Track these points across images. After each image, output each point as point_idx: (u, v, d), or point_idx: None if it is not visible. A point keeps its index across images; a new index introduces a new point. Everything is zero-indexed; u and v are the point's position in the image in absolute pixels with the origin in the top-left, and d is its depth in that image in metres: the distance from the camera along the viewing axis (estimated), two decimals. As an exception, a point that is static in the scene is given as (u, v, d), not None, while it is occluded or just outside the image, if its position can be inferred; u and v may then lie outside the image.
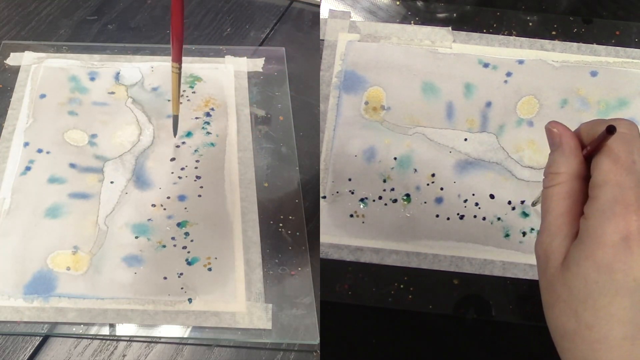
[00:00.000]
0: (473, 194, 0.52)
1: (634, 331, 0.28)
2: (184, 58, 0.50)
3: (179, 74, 0.50)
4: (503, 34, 0.58)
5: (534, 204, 0.50)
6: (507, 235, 0.50)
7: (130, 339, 0.46)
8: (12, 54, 0.61)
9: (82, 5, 0.67)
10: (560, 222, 0.31)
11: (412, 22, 0.59)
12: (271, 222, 0.51)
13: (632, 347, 0.28)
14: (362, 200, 0.51)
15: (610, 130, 0.29)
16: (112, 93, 0.59)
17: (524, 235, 0.50)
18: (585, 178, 0.32)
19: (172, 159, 0.55)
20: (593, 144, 0.31)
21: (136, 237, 0.50)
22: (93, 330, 0.45)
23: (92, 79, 0.60)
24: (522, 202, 0.51)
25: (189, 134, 0.56)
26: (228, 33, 0.66)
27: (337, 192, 0.52)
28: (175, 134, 0.55)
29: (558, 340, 0.31)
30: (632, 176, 0.29)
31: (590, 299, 0.29)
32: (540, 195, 0.42)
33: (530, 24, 0.59)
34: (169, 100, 0.59)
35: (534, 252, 0.33)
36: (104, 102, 0.58)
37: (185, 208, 0.52)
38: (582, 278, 0.29)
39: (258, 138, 0.57)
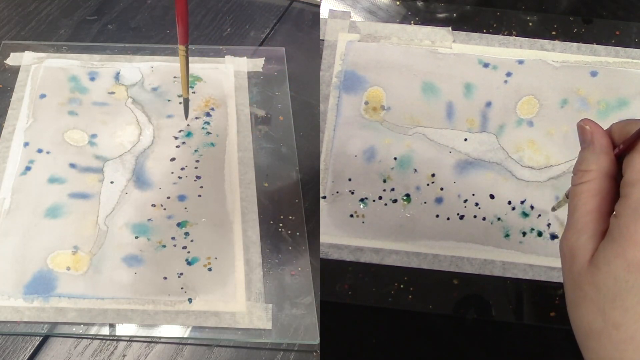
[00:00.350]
0: (473, 194, 0.52)
1: None
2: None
3: (187, 57, 0.49)
4: (503, 34, 0.58)
5: (554, 209, 0.49)
6: (507, 235, 0.50)
7: (130, 339, 0.46)
8: (12, 54, 0.61)
9: (82, 5, 0.67)
10: (588, 219, 0.31)
11: (412, 22, 0.59)
12: (271, 222, 0.51)
13: None
14: (362, 200, 0.51)
15: None
16: (112, 93, 0.59)
17: (524, 235, 0.50)
18: (615, 177, 0.32)
19: (172, 159, 0.55)
20: (627, 142, 0.31)
21: (136, 237, 0.50)
22: (93, 330, 0.45)
23: (92, 79, 0.60)
24: (522, 202, 0.51)
25: (189, 134, 0.56)
26: (228, 33, 0.66)
27: (337, 192, 0.52)
28: (186, 116, 0.55)
29: (582, 340, 0.31)
30: None
31: (619, 298, 0.29)
32: (561, 200, 0.42)
33: (530, 24, 0.59)
34: (169, 101, 0.59)
35: (559, 249, 0.32)
36: (104, 102, 0.58)
37: (185, 208, 0.52)
38: (611, 276, 0.29)
39: (258, 138, 0.57)
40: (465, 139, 0.53)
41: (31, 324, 0.45)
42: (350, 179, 0.52)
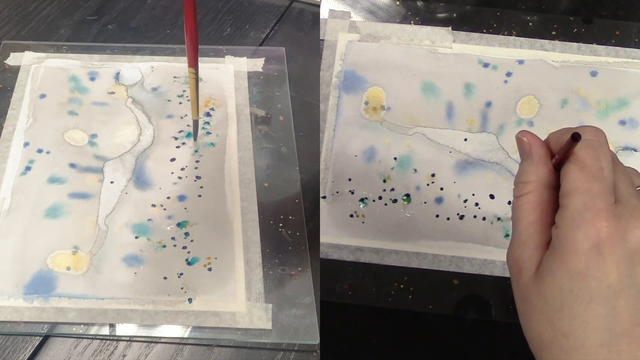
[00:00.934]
0: (473, 194, 0.52)
1: (610, 338, 0.28)
2: (183, 58, 0.50)
3: (196, 79, 0.50)
4: (503, 34, 0.58)
5: None
6: (507, 235, 0.50)
7: (130, 339, 0.46)
8: (12, 54, 0.61)
9: (82, 5, 0.67)
10: (531, 231, 0.31)
11: (412, 22, 0.59)
12: (271, 222, 0.51)
13: (608, 354, 0.28)
14: (362, 200, 0.51)
15: (575, 137, 0.29)
16: (112, 93, 0.59)
17: (524, 235, 0.50)
18: (555, 187, 0.32)
19: (172, 159, 0.55)
20: (560, 152, 0.31)
21: (136, 237, 0.50)
22: (93, 330, 0.45)
23: (92, 79, 0.60)
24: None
25: (189, 135, 0.56)
26: (228, 33, 0.66)
27: (337, 192, 0.52)
28: (195, 138, 0.55)
29: (536, 350, 0.31)
30: (600, 183, 0.29)
31: (566, 308, 0.29)
32: None
33: (530, 24, 0.59)
34: (169, 101, 0.59)
35: (506, 262, 0.33)
36: (104, 102, 0.58)
37: (185, 208, 0.52)
38: (556, 287, 0.29)
39: (258, 138, 0.57)
40: (465, 139, 0.53)
41: (31, 324, 0.45)
42: (350, 179, 0.52)
